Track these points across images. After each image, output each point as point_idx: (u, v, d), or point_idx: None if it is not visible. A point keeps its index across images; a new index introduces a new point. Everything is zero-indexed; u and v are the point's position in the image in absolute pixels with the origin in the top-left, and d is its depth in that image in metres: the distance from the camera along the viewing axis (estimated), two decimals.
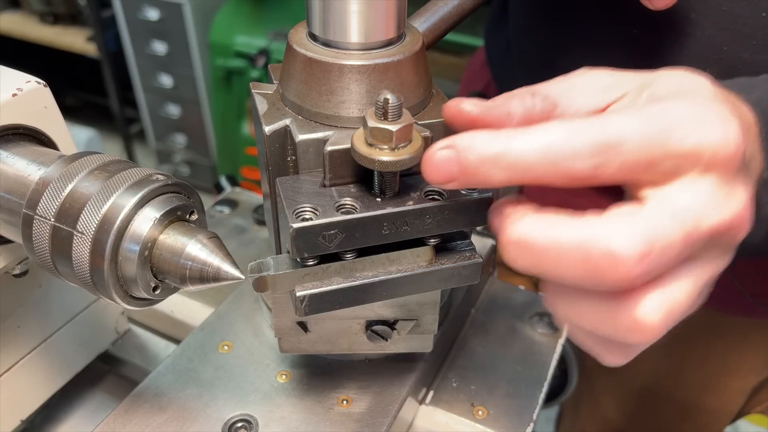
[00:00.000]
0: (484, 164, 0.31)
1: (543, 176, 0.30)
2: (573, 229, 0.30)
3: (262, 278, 0.38)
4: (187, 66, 2.50)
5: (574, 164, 0.29)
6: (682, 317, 0.33)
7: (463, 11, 0.48)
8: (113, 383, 0.64)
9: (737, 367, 0.79)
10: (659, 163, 0.29)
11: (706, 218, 0.30)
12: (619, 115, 0.30)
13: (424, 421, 0.57)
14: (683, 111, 0.30)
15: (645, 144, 0.29)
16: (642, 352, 0.41)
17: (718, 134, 0.29)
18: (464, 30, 0.54)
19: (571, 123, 0.30)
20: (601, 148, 0.29)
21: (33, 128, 0.45)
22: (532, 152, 0.30)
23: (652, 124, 0.29)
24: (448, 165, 0.31)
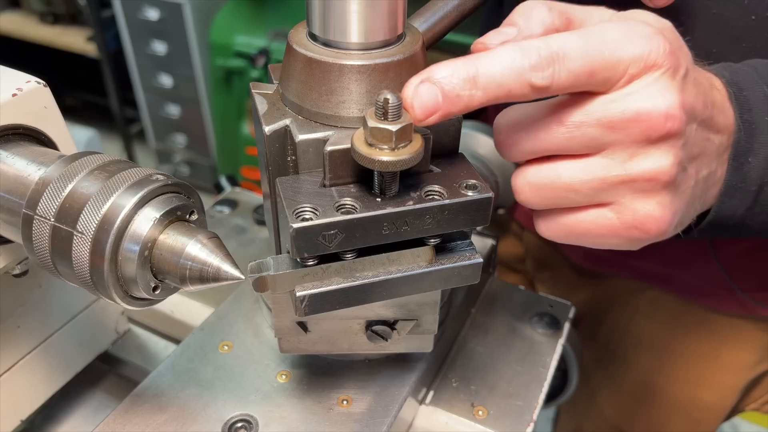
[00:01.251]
0: (464, 88, 0.35)
1: (512, 90, 0.35)
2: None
3: (262, 278, 0.38)
4: (187, 66, 2.50)
5: (534, 75, 0.35)
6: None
7: (463, 11, 0.48)
8: (113, 383, 0.64)
9: (730, 363, 0.80)
10: (599, 71, 0.36)
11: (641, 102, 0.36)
12: (560, 36, 0.36)
13: (424, 421, 0.57)
14: (618, 31, 0.36)
15: (584, 55, 0.35)
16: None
17: (643, 45, 0.36)
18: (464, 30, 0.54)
19: (525, 42, 0.36)
20: (550, 59, 0.35)
21: (33, 128, 0.45)
22: (500, 69, 0.35)
23: (589, 40, 0.36)
24: (433, 97, 0.35)
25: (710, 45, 0.53)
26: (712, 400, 0.83)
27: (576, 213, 0.40)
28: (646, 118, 0.36)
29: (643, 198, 0.38)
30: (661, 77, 0.36)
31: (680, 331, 0.80)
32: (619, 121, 0.36)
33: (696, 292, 0.75)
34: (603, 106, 0.37)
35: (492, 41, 0.40)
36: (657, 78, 0.36)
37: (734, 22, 0.51)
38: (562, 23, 0.40)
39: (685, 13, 0.52)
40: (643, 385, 0.86)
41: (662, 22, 0.39)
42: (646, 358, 0.84)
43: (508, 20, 0.41)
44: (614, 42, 0.36)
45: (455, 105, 0.35)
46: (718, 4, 0.51)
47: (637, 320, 0.82)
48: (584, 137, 0.37)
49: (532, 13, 0.40)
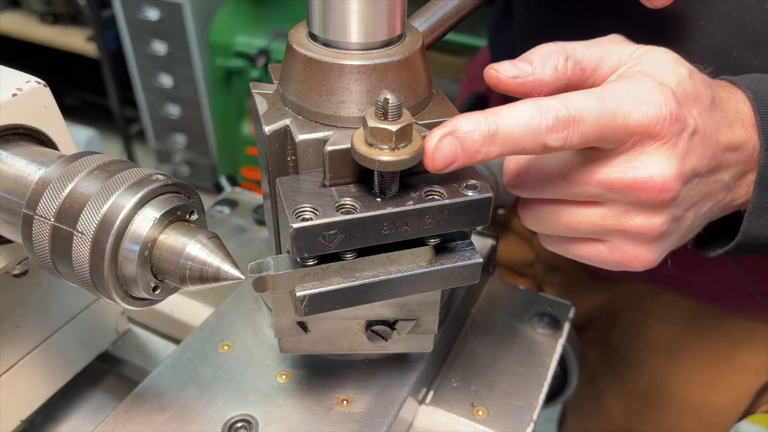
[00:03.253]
0: (483, 144, 0.36)
1: (526, 148, 0.37)
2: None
3: (262, 278, 0.38)
4: (187, 66, 2.50)
5: (549, 137, 0.37)
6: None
7: (463, 11, 0.48)
8: (113, 383, 0.64)
9: (744, 366, 0.79)
10: (608, 136, 0.38)
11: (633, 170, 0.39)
12: (578, 96, 0.38)
13: (424, 421, 0.57)
14: (631, 95, 0.38)
15: (597, 120, 0.37)
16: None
17: (650, 114, 0.38)
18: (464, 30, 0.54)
19: (544, 102, 0.37)
20: (566, 123, 0.37)
21: (33, 128, 0.45)
22: (518, 129, 0.36)
23: (604, 104, 0.37)
24: (453, 150, 0.36)
25: (730, 49, 0.53)
26: (725, 402, 0.82)
27: (573, 242, 0.45)
28: (642, 188, 0.39)
29: (634, 244, 0.42)
30: (661, 148, 0.39)
31: (693, 333, 0.80)
32: (618, 186, 0.40)
33: (711, 296, 0.75)
34: (605, 169, 0.40)
35: (506, 72, 0.41)
36: (658, 149, 0.39)
37: (754, 26, 0.51)
38: (574, 74, 0.41)
39: (705, 17, 0.53)
40: (654, 388, 0.85)
41: (679, 73, 0.40)
42: (659, 361, 0.84)
43: (526, 56, 0.42)
44: (626, 108, 0.38)
45: (471, 159, 0.37)
46: (739, 8, 0.51)
47: (650, 323, 0.82)
48: (585, 193, 0.41)
49: (549, 58, 0.41)
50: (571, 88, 0.41)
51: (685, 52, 0.55)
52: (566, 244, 0.46)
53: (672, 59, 0.41)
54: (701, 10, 0.53)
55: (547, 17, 0.67)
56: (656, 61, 0.41)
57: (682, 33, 0.54)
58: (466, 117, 0.36)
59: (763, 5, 0.50)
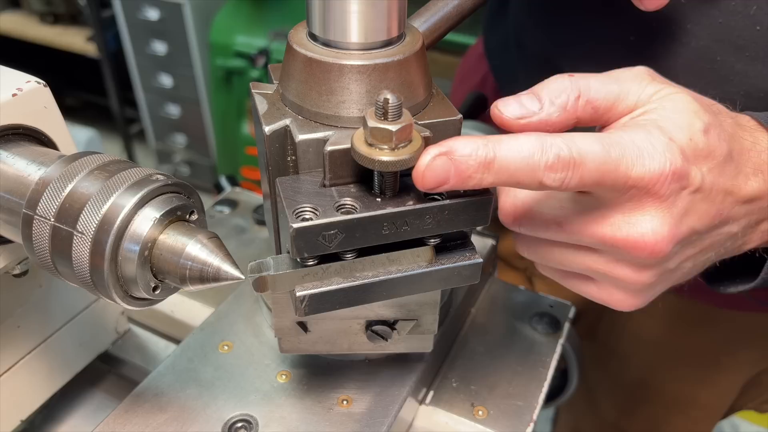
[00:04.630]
0: (477, 170, 0.35)
1: (521, 182, 0.36)
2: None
3: (262, 278, 0.38)
4: (187, 66, 2.50)
5: (546, 175, 0.35)
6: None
7: (463, 11, 0.48)
8: (113, 383, 0.64)
9: (729, 361, 0.80)
10: (606, 184, 0.37)
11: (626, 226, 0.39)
12: (584, 139, 0.36)
13: (424, 421, 0.57)
14: (637, 146, 0.37)
15: (599, 167, 0.36)
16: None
17: (652, 169, 0.37)
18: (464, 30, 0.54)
19: (548, 138, 0.36)
20: (567, 164, 0.35)
21: (33, 128, 0.45)
22: (515, 161, 0.35)
23: (609, 152, 0.36)
24: (445, 172, 0.35)
25: (714, 53, 0.53)
26: (711, 398, 0.83)
27: (565, 274, 0.46)
28: (632, 246, 0.39)
29: (620, 289, 0.43)
30: (658, 207, 0.38)
31: (680, 329, 0.80)
32: (610, 240, 0.39)
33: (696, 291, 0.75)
34: (599, 222, 0.39)
35: (511, 113, 0.40)
36: (654, 207, 0.38)
37: (739, 32, 0.51)
38: (585, 113, 0.40)
39: (692, 21, 0.53)
40: (641, 383, 0.86)
41: (693, 128, 0.39)
42: (645, 356, 0.84)
43: (536, 90, 0.41)
44: (630, 159, 0.37)
45: (463, 183, 0.35)
46: (724, 14, 0.51)
47: (637, 318, 0.82)
48: (579, 241, 0.41)
49: (559, 96, 0.40)
50: (581, 124, 0.41)
51: (671, 55, 0.55)
52: (559, 275, 0.47)
53: (691, 110, 0.39)
54: (688, 13, 0.53)
55: (544, 12, 0.67)
56: (673, 112, 0.39)
57: (668, 35, 0.54)
58: (465, 140, 0.35)
59: (749, 11, 0.50)
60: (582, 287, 0.45)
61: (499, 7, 0.82)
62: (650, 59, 0.56)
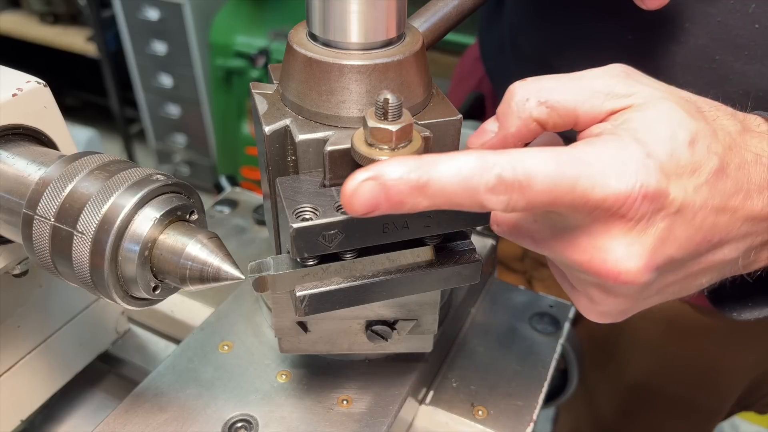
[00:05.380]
0: (410, 195, 0.32)
1: (462, 205, 0.32)
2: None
3: (262, 278, 0.38)
4: (187, 66, 2.50)
5: (487, 198, 0.32)
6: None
7: (462, 11, 0.48)
8: (113, 383, 0.64)
9: (729, 365, 0.79)
10: (560, 206, 0.33)
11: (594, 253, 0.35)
12: (535, 156, 0.32)
13: (424, 421, 0.57)
14: (603, 160, 0.33)
15: (550, 188, 0.32)
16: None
17: (619, 187, 0.32)
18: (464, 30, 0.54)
19: (489, 157, 0.32)
20: (510, 186, 0.32)
21: (33, 128, 0.45)
22: (451, 184, 0.32)
23: (565, 170, 0.32)
24: (374, 197, 0.32)
25: (713, 51, 0.53)
26: (710, 401, 0.83)
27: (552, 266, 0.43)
28: (598, 272, 0.35)
29: (593, 305, 0.40)
30: (628, 233, 0.34)
31: (678, 332, 0.80)
32: (577, 263, 0.36)
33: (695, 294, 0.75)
34: (567, 243, 0.36)
35: (474, 143, 0.39)
36: (623, 233, 0.34)
37: (738, 30, 0.51)
38: (542, 115, 0.37)
39: (690, 20, 0.53)
40: (640, 386, 0.85)
41: (676, 140, 0.34)
42: (644, 360, 0.84)
43: (496, 112, 0.39)
44: (590, 179, 0.32)
45: (397, 208, 0.32)
46: (723, 12, 0.51)
47: (635, 321, 0.82)
48: (552, 257, 0.39)
49: (510, 104, 0.37)
50: (550, 128, 0.38)
51: (669, 54, 0.54)
52: (551, 266, 0.44)
53: (675, 119, 0.35)
54: (687, 12, 0.53)
55: (539, 13, 0.67)
56: (653, 121, 0.35)
57: (667, 34, 0.54)
58: (395, 162, 0.32)
59: (747, 10, 0.50)
60: (564, 286, 0.43)
61: (494, 9, 0.82)
62: (648, 59, 0.56)
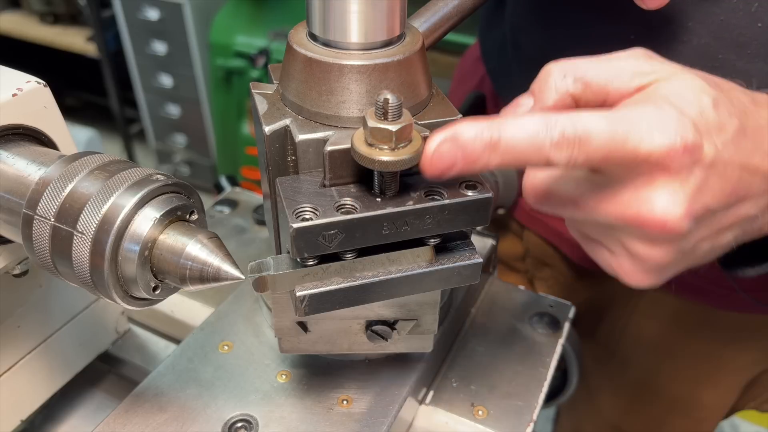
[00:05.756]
0: (484, 152, 0.35)
1: (528, 161, 0.36)
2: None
3: (262, 278, 0.38)
4: (187, 66, 2.50)
5: (553, 152, 0.35)
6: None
7: (463, 11, 0.48)
8: (113, 383, 0.64)
9: (731, 362, 0.79)
10: (614, 160, 0.36)
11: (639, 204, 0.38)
12: (590, 116, 0.36)
13: (424, 421, 0.57)
14: (646, 120, 0.36)
15: (606, 144, 0.35)
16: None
17: (663, 142, 0.36)
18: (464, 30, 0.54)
19: (552, 116, 0.35)
20: (572, 141, 0.35)
21: (33, 128, 0.45)
22: (522, 140, 0.35)
23: (616, 128, 0.36)
24: (452, 156, 0.35)
25: (716, 50, 0.53)
26: (712, 399, 0.83)
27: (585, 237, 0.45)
28: (643, 223, 0.38)
29: (633, 264, 0.42)
30: (671, 183, 0.37)
31: (680, 330, 0.80)
32: (622, 217, 0.39)
33: (697, 292, 0.75)
34: (611, 199, 0.39)
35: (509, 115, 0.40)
36: (666, 183, 0.37)
37: (740, 29, 0.51)
38: (578, 89, 0.40)
39: (693, 19, 0.53)
40: (642, 384, 0.86)
41: (702, 103, 0.38)
42: (646, 358, 0.84)
43: (529, 89, 0.41)
44: (638, 134, 0.36)
45: (471, 166, 0.35)
46: (726, 11, 0.51)
47: (637, 320, 0.82)
48: (596, 218, 0.41)
49: (547, 80, 0.40)
50: (581, 104, 0.41)
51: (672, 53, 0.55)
52: (580, 237, 0.46)
53: (697, 87, 0.38)
54: (689, 11, 0.53)
55: (540, 13, 0.67)
56: (679, 88, 0.38)
57: (669, 33, 0.54)
58: (469, 123, 0.35)
59: (750, 9, 0.50)
60: (598, 254, 0.45)
61: (495, 9, 0.82)
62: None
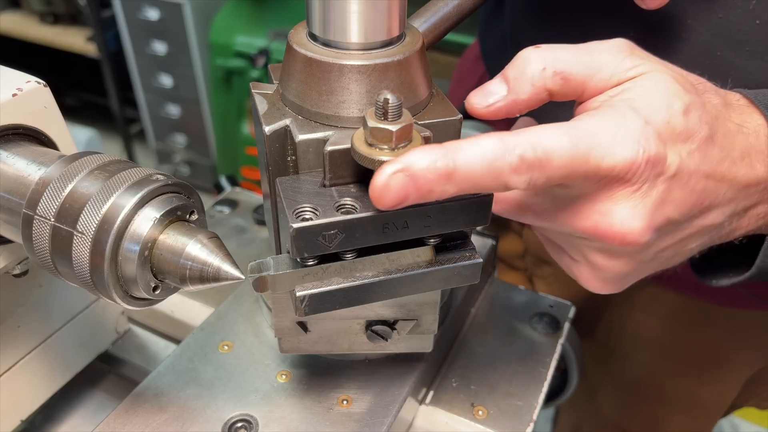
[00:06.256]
0: (438, 183, 0.33)
1: (487, 188, 0.35)
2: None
3: (262, 278, 0.38)
4: (187, 66, 2.50)
5: (511, 178, 0.34)
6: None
7: (463, 11, 0.48)
8: (113, 383, 0.64)
9: (730, 359, 0.80)
10: (575, 177, 0.36)
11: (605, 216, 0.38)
12: (549, 133, 0.35)
13: (424, 421, 0.57)
14: (609, 133, 0.35)
15: (567, 163, 0.35)
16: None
17: (625, 155, 0.35)
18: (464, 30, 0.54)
19: (509, 139, 0.34)
20: (532, 165, 0.34)
21: (33, 128, 0.45)
22: (478, 169, 0.33)
23: (578, 145, 0.35)
24: (403, 189, 0.33)
25: (714, 48, 0.53)
26: (712, 396, 0.83)
27: (551, 244, 0.47)
28: (603, 235, 0.38)
29: (593, 273, 0.43)
30: (631, 196, 0.37)
31: (679, 327, 0.80)
32: (581, 229, 0.39)
33: (696, 289, 0.75)
34: (572, 212, 0.39)
35: (476, 103, 0.40)
36: (626, 196, 0.37)
37: (739, 26, 0.51)
38: (556, 85, 0.39)
39: (692, 17, 0.53)
40: (642, 382, 0.86)
41: (672, 109, 0.37)
42: (645, 355, 0.84)
43: (503, 73, 0.40)
44: (600, 150, 0.35)
45: (425, 197, 0.34)
46: (724, 8, 0.51)
47: (636, 317, 0.82)
48: (558, 229, 0.42)
49: (525, 70, 0.39)
50: (556, 98, 0.40)
51: (671, 51, 0.55)
52: (547, 243, 0.48)
53: (670, 90, 0.37)
54: (688, 9, 0.53)
55: (539, 11, 0.67)
56: (650, 91, 0.37)
57: (668, 31, 0.54)
58: (422, 152, 0.33)
59: (748, 6, 0.50)
60: (560, 259, 0.46)
61: (495, 7, 0.82)
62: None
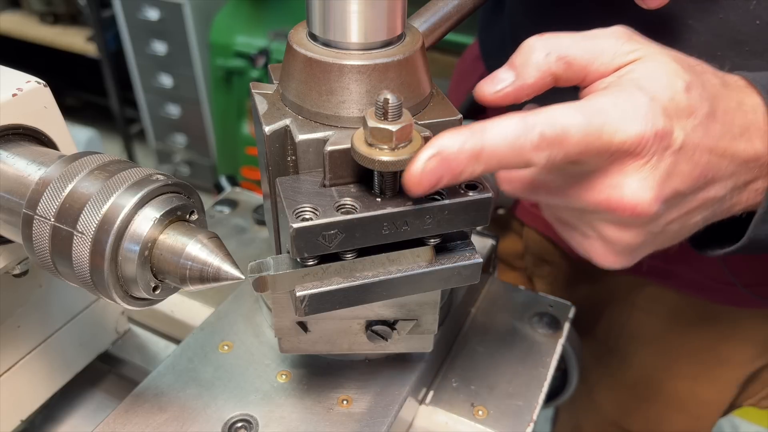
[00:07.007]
0: (469, 163, 0.35)
1: (510, 165, 0.37)
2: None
3: (262, 278, 0.38)
4: (187, 66, 2.50)
5: (533, 155, 0.36)
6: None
7: (463, 11, 0.48)
8: (113, 383, 0.64)
9: (729, 357, 0.80)
10: (590, 153, 0.37)
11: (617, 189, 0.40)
12: (564, 112, 0.37)
13: (424, 421, 0.57)
14: (619, 109, 0.37)
15: (582, 139, 0.36)
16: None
17: (635, 130, 0.37)
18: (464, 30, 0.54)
19: (530, 117, 0.36)
20: (551, 141, 0.36)
21: (33, 128, 0.45)
22: (503, 147, 0.35)
23: (591, 121, 0.36)
24: (440, 173, 0.35)
25: (715, 48, 0.53)
26: (711, 395, 0.83)
27: (558, 221, 0.48)
28: (614, 208, 0.39)
29: (605, 246, 0.44)
30: (641, 169, 0.38)
31: (679, 326, 0.80)
32: (593, 203, 0.40)
33: (695, 287, 0.76)
34: (583, 187, 0.40)
35: (489, 89, 0.41)
36: (637, 169, 0.38)
37: (739, 27, 0.51)
38: (560, 70, 0.40)
39: (693, 17, 0.53)
40: (641, 380, 0.86)
41: (675, 86, 0.38)
42: (645, 354, 0.84)
43: (510, 61, 0.42)
44: (612, 125, 0.37)
45: (456, 179, 0.36)
46: (725, 8, 0.52)
47: (636, 316, 0.82)
48: (570, 204, 0.43)
49: (530, 57, 0.40)
50: (561, 84, 0.41)
51: None
52: (554, 221, 0.48)
53: (671, 70, 0.39)
54: (689, 9, 0.53)
55: (541, 11, 0.67)
56: (653, 71, 0.39)
57: (669, 31, 0.54)
58: (451, 135, 0.35)
59: (748, 6, 0.51)
60: (572, 237, 0.47)
61: (495, 7, 0.82)
62: None
